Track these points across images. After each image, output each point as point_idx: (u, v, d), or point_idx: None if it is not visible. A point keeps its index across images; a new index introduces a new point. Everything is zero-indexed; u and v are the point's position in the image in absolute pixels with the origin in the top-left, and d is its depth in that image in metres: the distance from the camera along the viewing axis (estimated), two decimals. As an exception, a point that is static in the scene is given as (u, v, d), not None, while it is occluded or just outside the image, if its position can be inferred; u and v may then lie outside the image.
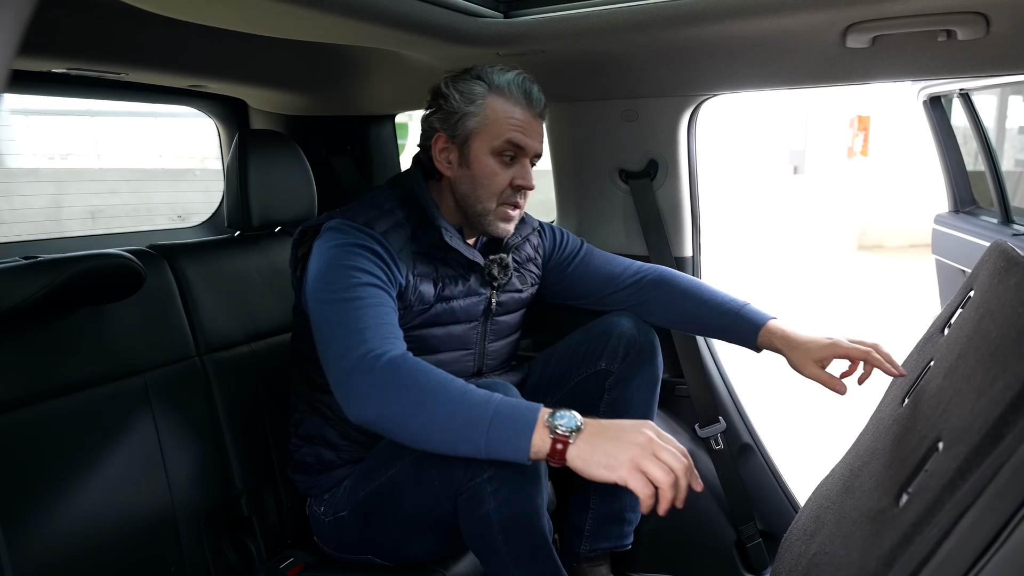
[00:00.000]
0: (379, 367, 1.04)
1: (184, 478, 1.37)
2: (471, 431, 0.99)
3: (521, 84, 1.30)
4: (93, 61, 1.44)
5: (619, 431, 0.97)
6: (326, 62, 1.68)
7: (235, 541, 1.44)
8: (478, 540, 1.16)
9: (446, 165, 1.31)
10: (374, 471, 1.27)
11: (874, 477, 0.85)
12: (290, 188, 1.64)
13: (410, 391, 1.02)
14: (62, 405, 1.22)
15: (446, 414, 1.00)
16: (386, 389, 1.03)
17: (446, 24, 1.29)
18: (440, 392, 1.02)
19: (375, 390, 1.04)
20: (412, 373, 1.04)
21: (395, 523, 1.26)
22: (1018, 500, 0.56)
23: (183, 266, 1.46)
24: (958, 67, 1.33)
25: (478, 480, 1.11)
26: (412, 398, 1.02)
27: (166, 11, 1.14)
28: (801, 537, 1.02)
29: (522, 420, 0.98)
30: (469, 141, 1.28)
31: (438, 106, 1.30)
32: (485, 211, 1.31)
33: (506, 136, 1.27)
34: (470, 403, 1.01)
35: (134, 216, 6.20)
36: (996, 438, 0.59)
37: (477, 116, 1.27)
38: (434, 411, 1.01)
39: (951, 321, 1.05)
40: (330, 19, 1.16)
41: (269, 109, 2.04)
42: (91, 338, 1.28)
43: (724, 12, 1.20)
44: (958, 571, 0.57)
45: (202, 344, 1.46)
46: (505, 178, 1.29)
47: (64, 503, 1.20)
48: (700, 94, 1.64)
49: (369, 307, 1.13)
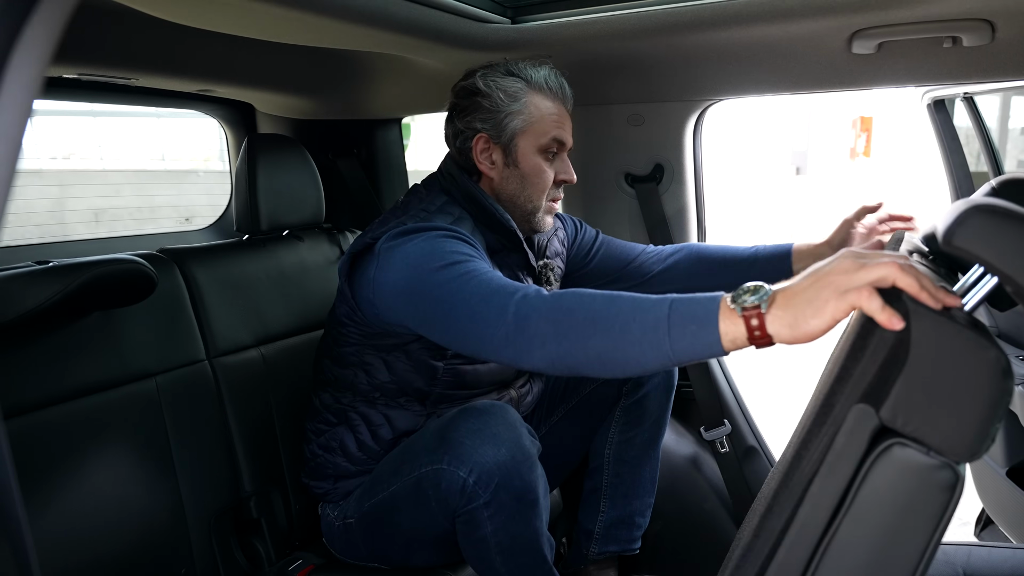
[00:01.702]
0: (540, 304, 0.94)
1: (194, 480, 1.38)
2: (652, 337, 0.85)
3: (556, 79, 1.28)
4: (104, 66, 1.45)
5: (814, 274, 0.76)
6: (333, 66, 1.69)
7: (244, 543, 1.45)
8: (477, 561, 1.17)
9: (489, 166, 1.27)
10: (378, 484, 1.28)
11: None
12: (298, 192, 1.65)
13: (579, 313, 0.90)
14: (74, 409, 1.23)
15: (621, 326, 0.87)
16: (558, 320, 0.92)
17: (454, 29, 1.29)
18: (609, 306, 0.90)
19: (549, 324, 0.92)
20: (574, 295, 0.93)
21: (398, 535, 1.27)
22: (855, 462, 0.61)
23: (193, 270, 1.47)
24: (963, 73, 1.34)
25: (474, 506, 1.11)
26: (584, 319, 0.90)
27: (177, 18, 1.16)
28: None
29: (703, 311, 0.82)
30: (515, 140, 1.25)
31: (476, 105, 1.25)
32: (536, 208, 1.29)
33: (552, 134, 1.26)
34: (643, 308, 0.87)
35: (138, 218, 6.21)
36: (828, 407, 0.64)
37: (523, 115, 1.24)
38: (609, 326, 0.88)
39: None
40: (339, 25, 1.17)
41: (276, 113, 2.05)
42: (102, 342, 1.29)
43: (730, 18, 1.21)
44: (816, 532, 0.62)
45: (212, 348, 1.47)
46: (551, 174, 1.28)
47: (76, 505, 1.21)
48: (706, 99, 1.65)
49: (486, 272, 1.04)
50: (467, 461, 1.11)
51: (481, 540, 1.13)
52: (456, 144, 1.30)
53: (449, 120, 1.31)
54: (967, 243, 0.67)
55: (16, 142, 0.44)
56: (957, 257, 0.67)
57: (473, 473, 1.10)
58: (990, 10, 1.09)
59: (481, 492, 1.09)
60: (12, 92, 0.43)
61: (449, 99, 1.32)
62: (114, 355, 1.30)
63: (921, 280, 0.66)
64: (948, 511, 0.59)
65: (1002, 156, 2.14)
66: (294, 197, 1.64)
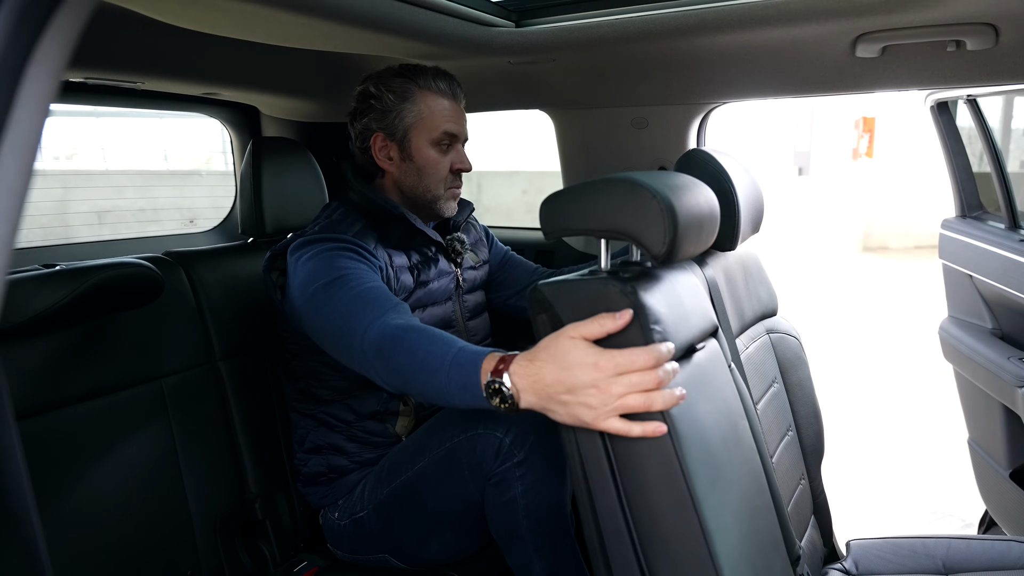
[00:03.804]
0: (378, 337, 1.04)
1: (199, 482, 1.39)
2: (444, 393, 0.97)
3: (444, 77, 1.36)
4: (110, 70, 1.46)
5: (566, 384, 0.84)
6: (338, 69, 1.70)
7: (249, 544, 1.46)
8: (503, 528, 1.19)
9: (388, 161, 1.37)
10: (399, 467, 1.30)
11: None
12: (303, 195, 1.66)
13: (402, 355, 1.01)
14: (80, 411, 1.24)
15: (427, 375, 0.98)
16: (386, 358, 1.03)
17: (459, 34, 1.30)
18: (425, 357, 0.99)
19: (380, 360, 1.04)
20: (404, 339, 1.02)
21: (418, 519, 1.29)
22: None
23: (199, 273, 1.48)
24: (967, 77, 1.34)
25: (507, 465, 1.15)
26: (405, 361, 1.01)
27: (183, 22, 1.16)
28: None
29: (471, 389, 0.93)
30: (408, 135, 1.34)
31: (370, 107, 1.35)
32: (436, 197, 1.38)
33: (442, 128, 1.35)
34: (434, 368, 0.97)
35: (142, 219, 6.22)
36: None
37: (412, 112, 1.33)
38: (419, 372, 0.99)
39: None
40: (344, 30, 1.18)
41: (281, 116, 2.06)
42: (108, 345, 1.30)
43: (734, 22, 1.21)
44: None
45: (217, 350, 1.47)
46: (446, 165, 1.37)
47: (83, 506, 1.21)
48: (710, 102, 1.65)
49: (360, 289, 1.14)
50: (503, 422, 1.16)
51: (510, 502, 1.16)
52: (358, 144, 1.39)
53: (350, 123, 1.40)
54: (548, 227, 0.93)
55: (32, 149, 0.45)
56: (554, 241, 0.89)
57: (510, 433, 1.16)
58: (994, 14, 1.10)
59: (516, 451, 1.15)
60: (28, 103, 0.43)
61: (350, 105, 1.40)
62: (120, 358, 1.31)
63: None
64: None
65: (1005, 157, 2.14)
66: (299, 200, 1.65)
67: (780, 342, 1.46)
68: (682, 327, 0.93)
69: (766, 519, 1.04)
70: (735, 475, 0.96)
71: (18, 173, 0.44)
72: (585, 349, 0.84)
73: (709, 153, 1.26)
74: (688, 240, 0.90)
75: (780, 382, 1.42)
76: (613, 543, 0.86)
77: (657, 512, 0.84)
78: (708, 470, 0.87)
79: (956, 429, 2.27)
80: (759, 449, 1.08)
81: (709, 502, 0.85)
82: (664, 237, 0.86)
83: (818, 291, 7.25)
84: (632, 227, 0.87)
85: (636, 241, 0.88)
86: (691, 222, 0.90)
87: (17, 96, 0.43)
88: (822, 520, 1.49)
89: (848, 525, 2.47)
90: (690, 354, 0.97)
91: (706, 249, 1.04)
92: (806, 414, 1.46)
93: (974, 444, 2.17)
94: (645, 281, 0.90)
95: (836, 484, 2.91)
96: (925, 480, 3.03)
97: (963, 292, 2.13)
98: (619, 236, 0.89)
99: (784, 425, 1.38)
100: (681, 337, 0.91)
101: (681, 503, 0.83)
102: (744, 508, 0.96)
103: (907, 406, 3.96)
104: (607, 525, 0.86)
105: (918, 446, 3.39)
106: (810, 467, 1.46)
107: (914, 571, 1.36)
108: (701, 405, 0.92)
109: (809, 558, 1.32)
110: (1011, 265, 1.84)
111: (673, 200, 0.87)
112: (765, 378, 1.34)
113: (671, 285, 0.96)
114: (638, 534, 0.85)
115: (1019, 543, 1.36)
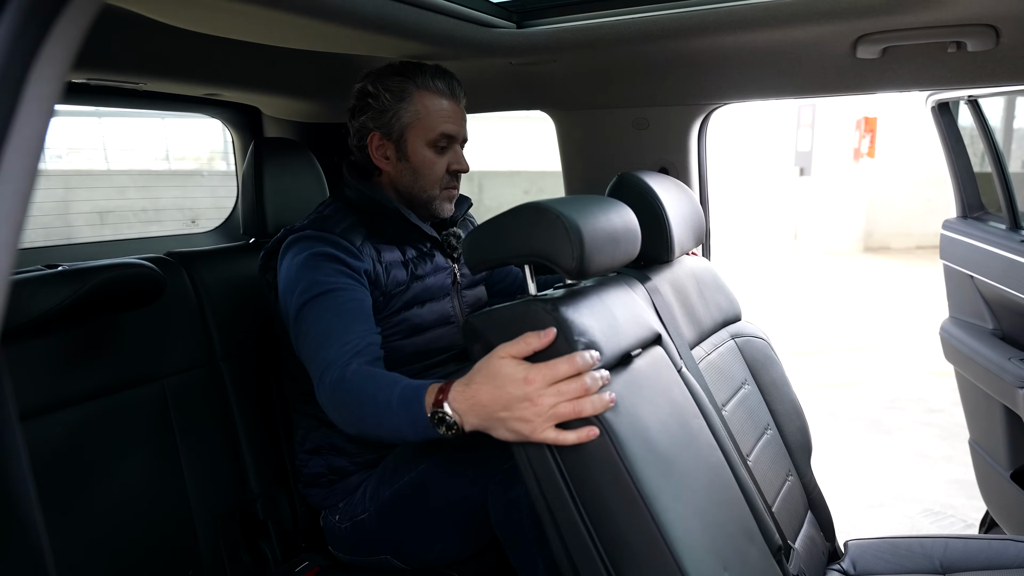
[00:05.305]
0: (324, 396, 1.13)
1: (201, 482, 1.39)
2: (396, 434, 1.05)
3: (443, 77, 1.36)
4: (112, 71, 1.46)
5: (503, 402, 0.92)
6: (339, 70, 1.70)
7: (250, 544, 1.46)
8: (507, 526, 1.19)
9: (384, 160, 1.37)
10: (402, 468, 1.30)
11: None
12: (304, 195, 1.67)
13: (352, 405, 1.09)
14: (83, 412, 1.24)
15: (377, 420, 1.06)
16: (336, 416, 1.12)
17: (460, 35, 1.30)
18: (366, 403, 1.07)
19: (336, 421, 1.13)
20: (355, 385, 1.10)
21: (420, 520, 1.29)
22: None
23: (201, 273, 1.48)
24: (967, 78, 1.34)
25: (512, 462, 1.14)
26: (354, 417, 1.09)
27: (185, 24, 1.16)
28: None
29: (420, 427, 1.01)
30: (404, 135, 1.34)
31: (367, 105, 1.35)
32: (432, 197, 1.38)
33: (440, 129, 1.34)
34: (386, 409, 1.04)
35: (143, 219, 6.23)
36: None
37: (409, 112, 1.33)
38: (371, 422, 1.07)
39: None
40: (346, 31, 1.18)
41: (283, 116, 2.06)
42: (110, 345, 1.30)
43: (735, 23, 1.21)
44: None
45: (219, 351, 1.48)
46: (442, 165, 1.37)
47: (84, 507, 1.22)
48: (711, 103, 1.65)
49: (328, 310, 1.19)
50: None
51: (514, 500, 1.16)
52: (355, 142, 1.39)
53: (348, 121, 1.40)
54: (471, 260, 1.02)
55: (36, 152, 0.45)
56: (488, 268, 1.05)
57: None
58: (995, 15, 1.10)
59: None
60: (33, 105, 0.43)
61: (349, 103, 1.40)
62: (123, 358, 1.31)
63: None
64: None
65: (1006, 157, 2.14)
66: (300, 200, 1.65)
67: (747, 345, 1.52)
68: (612, 337, 0.99)
69: (733, 510, 1.07)
70: (689, 470, 1.01)
71: (22, 175, 0.44)
72: (515, 366, 0.90)
73: (638, 176, 1.35)
74: (602, 254, 0.98)
75: (752, 383, 1.47)
76: (580, 556, 0.90)
77: (613, 515, 0.88)
78: (655, 467, 0.92)
79: (957, 430, 2.27)
80: (721, 445, 1.13)
81: (661, 498, 0.89)
82: (573, 253, 0.93)
83: (819, 292, 7.25)
84: (544, 249, 0.95)
85: (549, 261, 0.95)
86: (601, 236, 0.98)
87: (22, 99, 0.43)
88: (820, 517, 1.49)
89: (848, 526, 2.47)
90: (627, 361, 1.03)
91: (639, 262, 1.17)
92: (785, 411, 1.50)
93: (975, 445, 2.17)
94: (570, 298, 0.97)
95: (838, 484, 2.91)
96: (926, 481, 3.03)
97: (964, 293, 2.13)
98: (535, 259, 0.97)
99: (761, 424, 1.42)
100: (612, 346, 0.98)
101: (632, 502, 0.88)
102: (705, 501, 1.00)
103: (908, 407, 3.96)
104: (571, 539, 0.91)
105: (920, 446, 3.39)
106: (798, 463, 1.48)
107: (912, 571, 1.36)
108: (642, 407, 0.98)
109: (809, 557, 1.32)
110: (1012, 266, 1.84)
111: (578, 219, 0.94)
112: (732, 381, 1.40)
113: (599, 299, 1.03)
114: (601, 542, 0.89)
115: (1016, 542, 1.36)
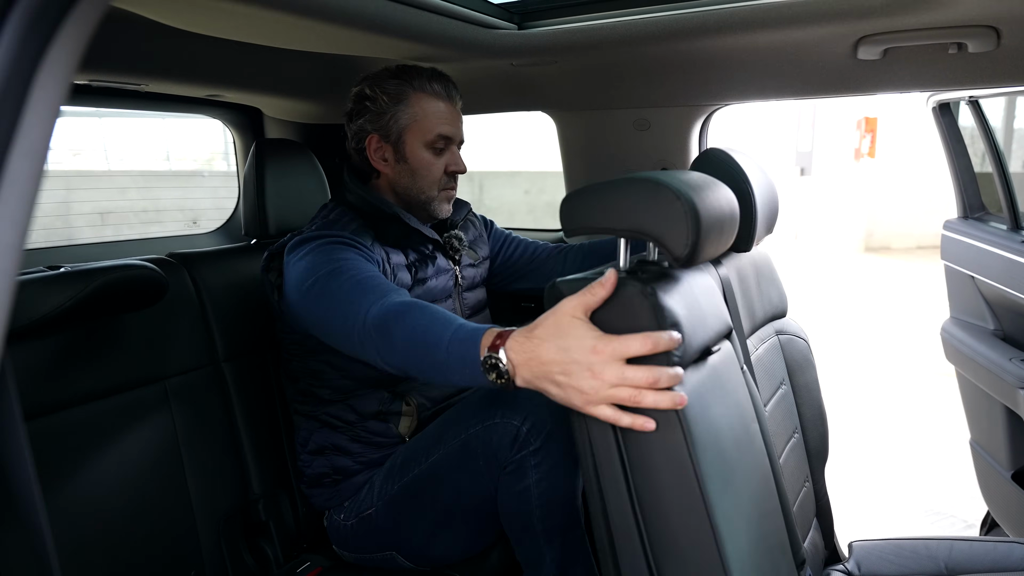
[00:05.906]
0: (380, 315, 1.05)
1: (203, 483, 1.39)
2: (444, 369, 0.98)
3: (440, 80, 1.37)
4: (115, 73, 1.46)
5: (562, 363, 0.84)
6: (341, 71, 1.70)
7: (252, 545, 1.47)
8: (515, 517, 1.19)
9: (382, 163, 1.38)
10: (411, 462, 1.30)
11: None
12: (306, 196, 1.67)
13: (400, 333, 1.03)
14: (86, 412, 1.25)
15: (426, 352, 0.99)
16: (380, 343, 1.05)
17: (461, 36, 1.30)
18: (417, 332, 1.01)
19: (382, 337, 1.05)
20: (402, 314, 1.04)
21: (428, 514, 1.29)
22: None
23: (202, 274, 1.48)
24: (968, 79, 1.34)
25: (524, 452, 1.15)
26: (404, 338, 1.02)
27: (187, 25, 1.17)
28: None
29: (471, 366, 0.93)
30: (402, 137, 1.35)
31: (365, 108, 1.36)
32: (429, 199, 1.39)
33: (437, 130, 1.35)
34: (436, 343, 0.98)
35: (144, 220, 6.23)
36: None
37: (407, 114, 1.34)
38: (418, 352, 1.01)
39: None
40: (348, 32, 1.18)
41: (284, 117, 2.06)
42: (112, 346, 1.30)
43: (736, 24, 1.22)
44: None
45: (221, 351, 1.48)
46: (440, 167, 1.38)
47: (86, 508, 1.22)
48: (712, 104, 1.65)
49: (360, 275, 1.15)
50: (521, 411, 1.16)
51: (524, 491, 1.16)
52: (353, 145, 1.40)
53: (346, 124, 1.40)
54: (567, 223, 0.93)
55: (41, 155, 0.45)
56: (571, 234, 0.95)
57: (527, 421, 1.15)
58: (995, 17, 1.10)
59: (533, 439, 1.15)
60: (38, 109, 0.44)
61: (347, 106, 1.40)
62: (125, 359, 1.32)
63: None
64: None
65: (1007, 157, 2.14)
66: (302, 201, 1.65)
67: (789, 344, 1.45)
68: (699, 329, 0.91)
69: (774, 522, 1.04)
70: (746, 478, 0.96)
71: (28, 178, 0.44)
72: (585, 329, 0.83)
73: (727, 152, 1.25)
74: (709, 242, 0.89)
75: (788, 384, 1.41)
76: (623, 543, 0.86)
77: (669, 514, 0.84)
78: (721, 473, 0.86)
79: (958, 430, 2.28)
80: (768, 452, 1.08)
81: (721, 506, 0.84)
82: (687, 239, 0.84)
83: (820, 291, 7.25)
84: (655, 228, 0.86)
85: (658, 242, 0.87)
86: (713, 224, 0.88)
87: (27, 102, 0.43)
88: (824, 522, 1.49)
89: (851, 526, 2.47)
90: (705, 357, 0.95)
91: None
92: (812, 416, 1.45)
93: (976, 445, 2.17)
94: (664, 282, 0.88)
95: (839, 485, 2.91)
96: (927, 481, 3.03)
97: (965, 293, 2.13)
98: (640, 236, 0.88)
99: (791, 427, 1.38)
100: (698, 340, 0.90)
101: (693, 506, 0.82)
102: (754, 512, 0.96)
103: (909, 407, 3.96)
104: (618, 525, 0.86)
105: (920, 447, 3.39)
106: (814, 470, 1.46)
107: (916, 573, 1.36)
108: (715, 408, 0.91)
109: (811, 560, 1.33)
110: (1013, 266, 1.84)
111: (696, 201, 0.85)
112: (774, 380, 1.34)
113: (689, 286, 0.94)
114: (648, 535, 0.84)
115: (1021, 545, 1.36)
